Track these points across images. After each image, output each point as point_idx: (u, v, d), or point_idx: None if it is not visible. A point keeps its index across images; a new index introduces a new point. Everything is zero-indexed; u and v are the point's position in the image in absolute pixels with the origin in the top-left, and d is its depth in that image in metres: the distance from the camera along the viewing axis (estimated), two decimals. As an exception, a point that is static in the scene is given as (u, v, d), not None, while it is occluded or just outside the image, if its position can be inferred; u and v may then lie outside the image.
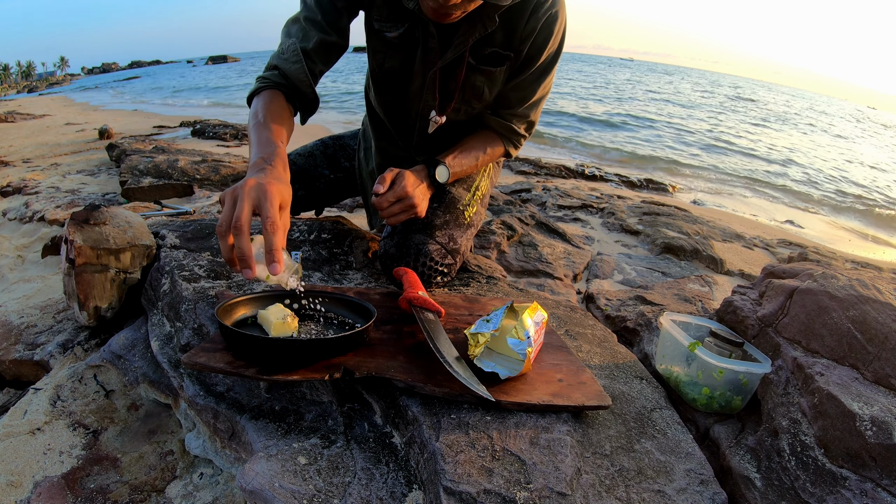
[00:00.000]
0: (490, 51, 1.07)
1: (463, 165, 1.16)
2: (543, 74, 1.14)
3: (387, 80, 1.18)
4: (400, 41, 1.10)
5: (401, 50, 1.11)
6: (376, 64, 1.17)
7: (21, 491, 0.78)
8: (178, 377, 0.87)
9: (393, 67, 1.14)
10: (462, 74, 1.09)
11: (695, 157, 6.91)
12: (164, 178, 2.95)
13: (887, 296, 0.87)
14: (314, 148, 1.48)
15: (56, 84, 46.84)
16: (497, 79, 1.13)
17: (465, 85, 1.12)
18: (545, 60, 1.12)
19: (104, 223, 1.15)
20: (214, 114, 8.51)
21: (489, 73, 1.11)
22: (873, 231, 4.46)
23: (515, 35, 1.06)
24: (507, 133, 1.22)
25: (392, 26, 1.09)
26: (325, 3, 1.07)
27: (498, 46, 1.07)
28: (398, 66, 1.14)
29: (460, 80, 1.10)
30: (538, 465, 0.65)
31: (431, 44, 1.07)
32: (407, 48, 1.11)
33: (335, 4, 1.07)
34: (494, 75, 1.11)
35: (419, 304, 0.89)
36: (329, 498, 0.64)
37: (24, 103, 13.05)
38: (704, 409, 0.91)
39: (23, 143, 5.12)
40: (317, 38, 1.06)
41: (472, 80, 1.12)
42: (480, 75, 1.11)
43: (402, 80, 1.16)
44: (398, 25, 1.08)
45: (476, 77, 1.11)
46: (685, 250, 2.29)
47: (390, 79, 1.17)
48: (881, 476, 0.66)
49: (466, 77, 1.11)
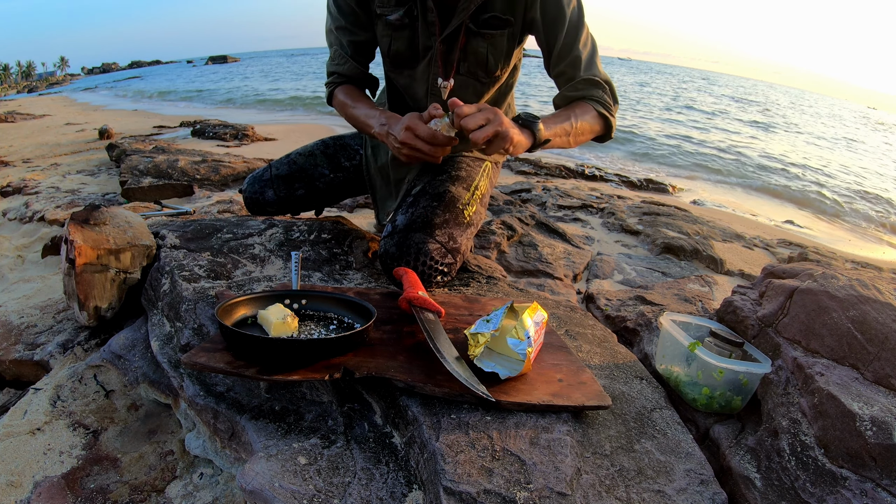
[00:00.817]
0: (489, 15, 1.11)
1: (556, 121, 1.08)
2: (578, 30, 1.13)
3: (397, 62, 1.24)
4: (401, 21, 1.16)
5: (405, 30, 1.17)
6: (384, 48, 1.24)
7: (21, 491, 0.78)
8: (178, 377, 0.87)
9: (399, 49, 1.20)
10: (462, 41, 1.14)
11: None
12: (164, 178, 2.95)
13: (887, 296, 0.87)
14: (315, 148, 1.49)
15: (56, 84, 46.83)
16: (499, 45, 1.16)
17: (468, 51, 1.16)
18: (572, 16, 1.11)
19: (104, 223, 1.15)
20: (215, 114, 8.51)
21: (489, 37, 1.14)
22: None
23: (518, 1, 1.10)
24: (587, 87, 1.14)
25: (392, 9, 1.15)
26: (343, 7, 1.20)
27: (497, 11, 1.11)
28: (405, 47, 1.19)
29: (461, 45, 1.15)
30: (538, 465, 0.65)
31: (430, 17, 1.12)
32: (410, 28, 1.17)
33: (350, 6, 1.19)
34: (495, 39, 1.15)
35: (419, 304, 0.89)
36: (329, 498, 0.64)
37: (24, 103, 13.04)
38: (704, 410, 0.91)
39: (23, 143, 5.12)
40: (348, 40, 1.23)
41: (473, 45, 1.16)
42: (482, 40, 1.15)
43: (410, 60, 1.22)
44: (398, 8, 1.15)
45: (478, 43, 1.15)
46: (685, 250, 2.29)
47: (400, 61, 1.23)
48: (881, 476, 0.66)
49: (467, 43, 1.15)
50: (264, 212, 1.50)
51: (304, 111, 9.43)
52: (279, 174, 1.46)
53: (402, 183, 1.38)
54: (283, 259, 1.23)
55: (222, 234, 1.32)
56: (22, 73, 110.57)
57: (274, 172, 1.46)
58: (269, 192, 1.45)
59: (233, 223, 1.41)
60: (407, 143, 0.99)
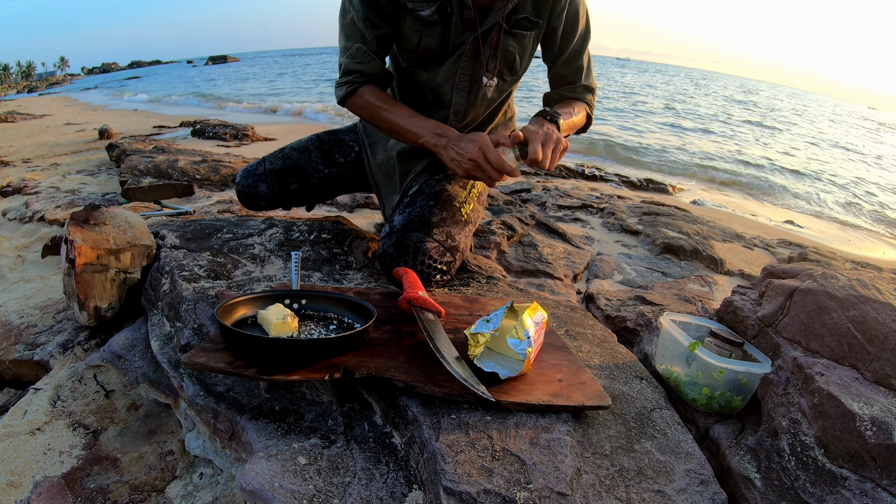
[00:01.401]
0: (521, 16, 1.17)
1: (567, 116, 1.17)
2: (585, 41, 1.27)
3: (425, 59, 1.23)
4: (434, 18, 1.16)
5: (436, 26, 1.17)
6: (413, 44, 1.21)
7: (21, 491, 0.78)
8: (178, 377, 0.87)
9: (429, 45, 1.20)
10: (497, 39, 1.18)
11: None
12: (164, 178, 2.95)
13: (887, 296, 0.86)
14: (309, 143, 1.48)
15: (56, 84, 46.87)
16: (527, 46, 1.23)
17: (499, 50, 1.20)
18: (583, 28, 1.25)
19: (104, 223, 1.15)
20: (214, 114, 8.51)
21: (520, 37, 1.20)
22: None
23: (545, 6, 1.18)
24: (580, 93, 1.29)
25: (425, 4, 1.15)
26: (371, 1, 1.16)
27: (528, 13, 1.18)
28: (436, 42, 1.19)
29: (496, 43, 1.19)
30: (538, 465, 0.65)
31: (467, 14, 1.14)
32: (442, 23, 1.17)
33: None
34: (525, 41, 1.22)
35: (419, 304, 0.89)
36: (329, 498, 0.64)
37: (24, 103, 13.04)
38: (704, 410, 0.91)
39: (23, 143, 5.12)
40: (372, 34, 1.17)
41: (505, 45, 1.20)
42: (513, 40, 1.20)
43: (439, 56, 1.22)
44: (430, 3, 1.14)
45: (509, 42, 1.20)
46: (685, 250, 2.29)
47: (429, 57, 1.22)
48: (881, 476, 0.66)
49: (499, 41, 1.19)
50: (257, 206, 1.49)
51: (304, 111, 9.42)
52: (273, 168, 1.44)
53: (408, 175, 1.37)
54: (283, 259, 1.23)
55: (222, 234, 1.32)
56: (22, 73, 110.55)
57: (268, 167, 1.45)
58: (262, 186, 1.44)
59: (233, 223, 1.41)
60: (476, 161, 1.02)
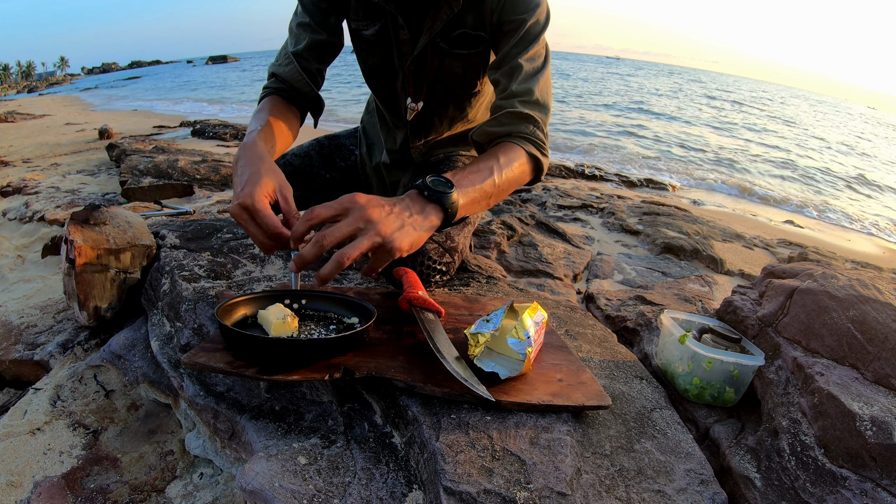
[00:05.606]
0: (458, 32, 1.04)
1: (475, 180, 0.87)
2: (530, 43, 0.99)
3: (375, 77, 1.20)
4: (377, 38, 1.12)
5: (380, 46, 1.13)
6: (362, 62, 1.19)
7: (21, 491, 0.78)
8: (178, 377, 0.87)
9: (376, 64, 1.17)
10: (432, 60, 1.08)
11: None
12: (164, 178, 2.95)
13: (887, 296, 0.87)
14: (310, 148, 1.48)
15: (56, 84, 46.88)
16: (474, 62, 1.10)
17: (442, 71, 1.11)
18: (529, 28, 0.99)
19: (104, 223, 1.15)
20: (215, 114, 8.50)
21: (462, 56, 1.08)
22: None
23: (485, 11, 1.00)
24: (513, 122, 0.96)
25: (368, 24, 1.11)
26: (309, 6, 1.11)
27: (468, 28, 1.04)
28: (380, 62, 1.16)
29: (434, 66, 1.09)
30: (538, 465, 0.65)
31: (402, 35, 1.08)
32: (385, 44, 1.13)
33: (319, 6, 1.10)
34: (469, 58, 1.09)
35: (419, 304, 0.89)
36: (329, 498, 0.64)
37: (24, 103, 13.05)
38: (696, 400, 0.92)
39: (23, 143, 5.12)
40: (307, 38, 1.09)
41: (447, 65, 1.10)
42: (456, 60, 1.09)
43: (388, 76, 1.18)
44: (373, 23, 1.10)
45: (451, 63, 1.10)
46: (685, 250, 2.29)
47: (378, 76, 1.19)
48: (881, 476, 0.66)
49: (440, 62, 1.09)
50: None
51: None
52: None
53: (398, 186, 1.37)
54: (283, 259, 1.23)
55: (222, 233, 1.32)
56: (22, 73, 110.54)
57: None
58: None
59: (233, 223, 1.41)
60: (237, 218, 0.77)
